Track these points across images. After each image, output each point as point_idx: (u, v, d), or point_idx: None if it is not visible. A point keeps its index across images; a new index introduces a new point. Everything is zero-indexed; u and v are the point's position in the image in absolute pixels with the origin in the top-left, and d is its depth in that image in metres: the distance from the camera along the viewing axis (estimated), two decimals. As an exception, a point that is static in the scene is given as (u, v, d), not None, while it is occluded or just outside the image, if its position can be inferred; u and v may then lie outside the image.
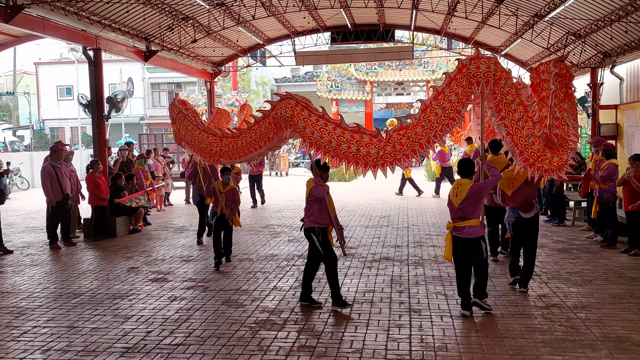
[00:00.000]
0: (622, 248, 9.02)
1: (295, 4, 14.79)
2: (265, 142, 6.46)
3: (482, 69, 5.79)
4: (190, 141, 7.17)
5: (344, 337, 5.49)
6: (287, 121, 6.21)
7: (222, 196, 8.64)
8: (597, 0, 11.46)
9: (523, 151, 5.76)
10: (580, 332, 5.50)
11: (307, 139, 6.19)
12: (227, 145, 6.71)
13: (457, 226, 6.09)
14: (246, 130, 6.64)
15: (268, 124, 6.37)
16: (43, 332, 5.76)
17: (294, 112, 6.17)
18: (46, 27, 10.76)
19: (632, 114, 13.29)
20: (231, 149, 6.69)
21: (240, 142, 6.65)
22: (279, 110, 6.23)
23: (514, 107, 5.76)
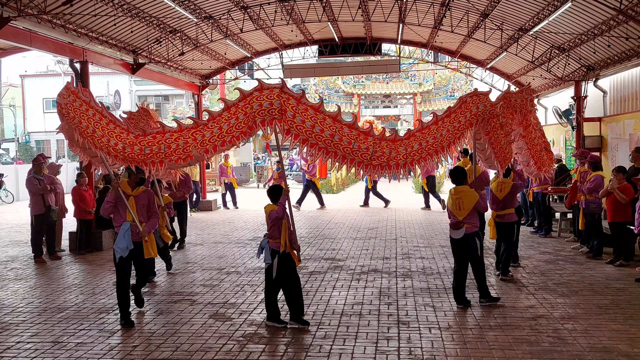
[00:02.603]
0: (607, 259, 9.10)
1: (283, 18, 14.89)
2: (236, 137, 5.94)
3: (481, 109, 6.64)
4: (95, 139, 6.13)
5: (332, 350, 5.47)
6: (273, 114, 5.83)
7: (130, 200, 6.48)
8: (581, 15, 11.67)
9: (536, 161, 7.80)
10: (567, 342, 5.52)
11: (302, 135, 5.88)
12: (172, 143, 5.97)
13: (500, 214, 8.02)
14: (208, 122, 6.01)
15: (245, 116, 5.88)
16: (27, 348, 5.67)
17: (285, 105, 5.82)
18: (33, 40, 10.71)
19: (615, 126, 13.49)
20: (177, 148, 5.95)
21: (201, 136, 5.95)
22: (260, 101, 5.83)
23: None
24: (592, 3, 10.56)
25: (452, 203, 6.79)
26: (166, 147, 5.98)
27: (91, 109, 6.18)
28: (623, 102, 13.61)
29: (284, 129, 5.98)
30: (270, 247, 6.12)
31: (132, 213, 6.30)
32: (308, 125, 5.92)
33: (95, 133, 6.07)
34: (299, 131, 5.94)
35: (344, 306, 6.89)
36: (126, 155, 6.04)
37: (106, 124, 6.11)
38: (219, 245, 11.34)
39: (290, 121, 5.92)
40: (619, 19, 10.84)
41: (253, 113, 5.91)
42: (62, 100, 6.16)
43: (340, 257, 9.84)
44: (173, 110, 32.16)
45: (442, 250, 10.25)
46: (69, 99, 6.17)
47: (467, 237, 6.71)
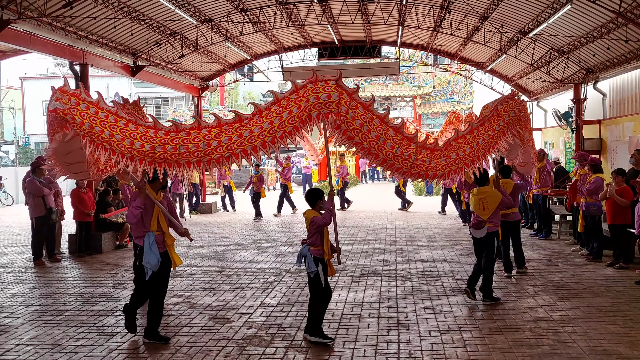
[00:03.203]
0: (607, 261, 9.10)
1: (283, 20, 14.91)
2: (288, 132, 5.40)
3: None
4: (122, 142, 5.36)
5: (331, 352, 5.46)
6: (330, 107, 5.40)
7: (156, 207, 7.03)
8: (580, 18, 11.69)
9: None
10: (567, 345, 5.52)
11: (350, 132, 5.52)
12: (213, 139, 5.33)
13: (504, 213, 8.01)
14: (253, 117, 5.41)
15: (299, 109, 5.39)
16: (26, 351, 5.66)
17: (341, 98, 5.42)
18: (33, 42, 10.73)
19: (615, 129, 13.50)
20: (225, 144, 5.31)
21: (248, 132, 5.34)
22: (317, 93, 5.40)
23: None
24: (591, 6, 10.58)
25: (476, 203, 7.00)
26: (205, 144, 5.27)
27: (102, 111, 5.39)
28: (622, 105, 13.62)
29: (336, 124, 5.55)
30: (313, 255, 5.73)
31: (160, 221, 5.78)
32: (357, 124, 5.55)
33: (113, 137, 5.27)
34: (348, 128, 5.55)
35: (343, 309, 6.88)
36: (157, 157, 5.27)
37: (124, 125, 5.32)
38: (218, 247, 11.34)
39: (343, 116, 5.51)
40: (618, 21, 10.86)
41: (309, 106, 5.42)
42: (63, 105, 5.38)
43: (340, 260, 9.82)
44: (173, 113, 32.14)
45: (441, 253, 10.25)
46: (70, 102, 5.41)
47: (489, 236, 7.00)
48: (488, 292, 7.00)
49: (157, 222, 5.75)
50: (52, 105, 5.46)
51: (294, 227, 14.02)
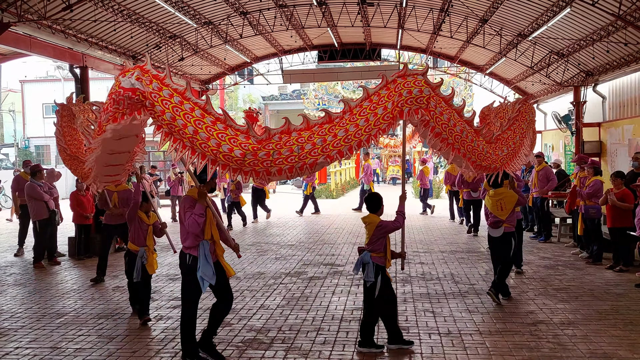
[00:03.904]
0: (607, 264, 9.09)
1: (283, 23, 14.93)
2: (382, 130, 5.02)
3: None
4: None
5: (332, 355, 5.45)
6: (421, 103, 5.07)
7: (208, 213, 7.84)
8: (579, 21, 11.71)
9: None
10: (567, 348, 5.51)
11: (438, 127, 5.22)
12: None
13: None
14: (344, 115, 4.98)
15: (393, 105, 5.03)
16: (26, 354, 5.65)
17: (430, 93, 5.11)
18: (33, 45, 10.74)
19: (615, 131, 13.51)
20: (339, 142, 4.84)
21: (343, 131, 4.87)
22: (409, 87, 5.06)
23: None
24: (590, 9, 10.60)
25: (493, 204, 7.18)
26: (299, 148, 4.78)
27: (187, 102, 4.71)
28: (622, 108, 13.63)
29: (425, 120, 5.20)
30: (375, 263, 5.51)
31: (213, 229, 5.34)
32: (445, 119, 5.26)
33: (197, 135, 4.63)
34: (436, 123, 5.23)
35: (343, 311, 6.87)
36: (247, 164, 4.70)
37: (212, 123, 4.69)
38: (218, 250, 11.32)
39: (432, 112, 5.18)
40: (618, 24, 10.87)
41: (401, 101, 5.04)
42: (144, 87, 4.65)
43: (339, 263, 9.82)
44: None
45: (441, 256, 10.24)
46: (152, 86, 4.67)
47: (505, 235, 7.17)
48: (505, 291, 7.25)
49: (210, 230, 5.30)
50: (128, 84, 4.67)
51: (294, 230, 14.01)
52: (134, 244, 6.58)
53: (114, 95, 4.73)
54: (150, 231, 6.62)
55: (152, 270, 6.61)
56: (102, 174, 5.69)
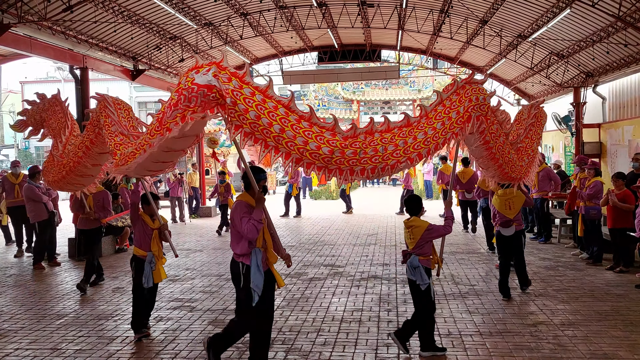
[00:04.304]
0: (607, 265, 9.09)
1: (283, 24, 14.94)
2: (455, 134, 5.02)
3: None
4: None
5: (332, 356, 5.45)
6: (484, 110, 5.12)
7: None
8: (579, 22, 11.71)
9: None
10: (567, 349, 5.51)
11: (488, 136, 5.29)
12: None
13: None
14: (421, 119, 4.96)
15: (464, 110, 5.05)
16: (26, 355, 5.64)
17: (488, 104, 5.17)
18: (33, 46, 10.75)
19: (615, 132, 13.51)
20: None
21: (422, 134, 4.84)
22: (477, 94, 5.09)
23: None
24: (590, 10, 10.60)
25: (501, 204, 7.41)
26: (383, 149, 4.72)
27: (270, 100, 4.60)
28: (622, 109, 13.64)
29: (482, 127, 5.21)
30: (424, 266, 5.48)
31: (266, 236, 5.10)
32: (494, 129, 5.37)
33: (284, 133, 4.51)
34: (489, 132, 5.31)
35: (343, 313, 6.87)
36: (333, 162, 4.63)
37: (296, 121, 4.60)
38: (218, 251, 11.33)
39: (489, 120, 5.27)
40: (618, 25, 10.88)
41: (471, 106, 5.07)
42: (220, 83, 4.46)
43: (339, 264, 9.82)
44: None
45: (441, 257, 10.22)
46: (231, 84, 4.52)
47: (517, 234, 7.50)
48: (525, 280, 7.72)
49: (262, 238, 5.06)
50: (204, 80, 4.45)
51: (294, 231, 14.01)
52: (141, 249, 6.15)
53: (185, 91, 4.47)
54: (155, 235, 6.17)
55: (159, 278, 6.18)
56: (145, 167, 5.27)
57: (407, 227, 5.57)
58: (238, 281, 4.94)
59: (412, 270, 5.48)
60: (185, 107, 4.44)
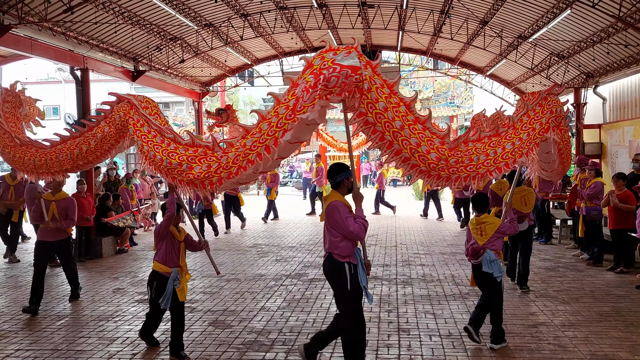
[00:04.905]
0: (608, 266, 9.09)
1: (283, 25, 14.94)
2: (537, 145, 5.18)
3: None
4: None
5: (332, 357, 5.45)
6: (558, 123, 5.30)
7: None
8: (580, 22, 11.71)
9: None
10: (568, 350, 5.50)
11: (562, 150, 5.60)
12: None
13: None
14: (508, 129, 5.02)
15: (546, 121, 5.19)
16: (26, 356, 5.65)
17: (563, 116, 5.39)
18: (33, 47, 10.75)
19: (615, 133, 13.50)
20: None
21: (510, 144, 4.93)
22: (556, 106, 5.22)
23: None
24: (591, 10, 10.60)
25: (516, 200, 7.45)
26: (477, 158, 4.80)
27: (394, 96, 4.66)
28: (622, 109, 13.64)
29: (557, 140, 5.43)
30: (497, 259, 5.67)
31: None
32: (567, 136, 5.74)
33: (403, 130, 4.58)
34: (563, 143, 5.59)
35: (344, 313, 6.86)
36: (438, 168, 4.67)
37: (413, 122, 4.66)
38: (218, 252, 11.32)
39: (562, 130, 5.47)
40: (618, 26, 10.88)
41: (551, 118, 5.23)
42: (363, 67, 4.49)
43: (340, 264, 9.81)
44: (174, 117, 32.20)
45: (442, 258, 10.24)
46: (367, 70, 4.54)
47: (530, 228, 7.92)
48: (525, 279, 7.89)
49: None
50: (349, 61, 4.42)
51: (294, 232, 14.01)
52: (165, 265, 5.50)
53: (325, 71, 4.38)
54: (182, 249, 5.62)
55: (184, 296, 5.58)
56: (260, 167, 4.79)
57: (478, 224, 5.76)
58: (344, 282, 4.80)
59: (489, 264, 5.64)
60: (324, 87, 4.37)
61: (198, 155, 4.86)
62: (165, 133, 5.13)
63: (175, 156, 4.92)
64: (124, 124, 5.44)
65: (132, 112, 5.38)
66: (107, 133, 5.58)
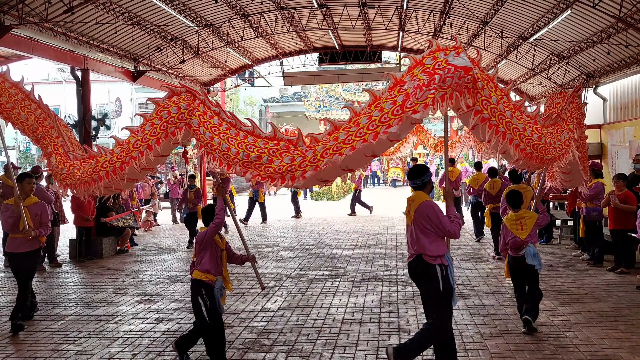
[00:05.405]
0: (608, 266, 9.08)
1: (284, 26, 14.94)
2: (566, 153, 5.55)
3: None
4: None
5: (332, 358, 5.45)
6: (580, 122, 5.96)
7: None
8: (580, 23, 11.71)
9: None
10: (568, 350, 5.50)
11: None
12: None
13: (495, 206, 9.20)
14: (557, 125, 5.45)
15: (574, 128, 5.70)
16: (27, 356, 5.65)
17: None
18: (34, 48, 10.76)
19: (616, 133, 13.49)
20: None
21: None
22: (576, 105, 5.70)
23: None
24: (591, 11, 10.60)
25: None
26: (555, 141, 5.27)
27: (505, 95, 4.95)
28: (623, 110, 13.63)
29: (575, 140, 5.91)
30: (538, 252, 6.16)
31: None
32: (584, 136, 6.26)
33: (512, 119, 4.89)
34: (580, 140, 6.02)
35: (344, 314, 6.87)
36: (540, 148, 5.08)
37: (516, 108, 4.99)
38: (219, 252, 11.31)
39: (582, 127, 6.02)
40: (618, 26, 10.88)
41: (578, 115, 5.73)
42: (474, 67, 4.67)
43: (340, 265, 9.82)
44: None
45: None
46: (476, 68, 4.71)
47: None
48: None
49: None
50: (461, 62, 4.52)
51: (295, 232, 14.01)
52: (210, 273, 5.20)
53: (440, 71, 4.41)
54: (224, 257, 5.36)
55: (221, 305, 5.35)
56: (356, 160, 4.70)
57: (517, 219, 6.06)
58: (436, 284, 4.76)
59: (533, 256, 6.02)
60: (439, 87, 4.40)
61: (280, 148, 4.73)
62: (243, 125, 4.95)
63: (254, 149, 4.76)
64: (180, 118, 5.06)
65: (196, 103, 5.06)
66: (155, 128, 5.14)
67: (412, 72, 4.52)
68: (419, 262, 4.82)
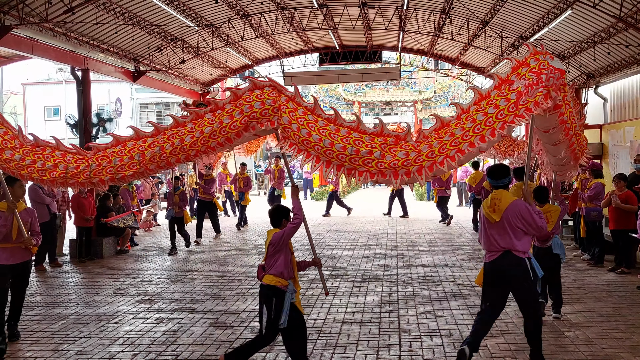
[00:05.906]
0: (609, 266, 9.08)
1: (284, 26, 14.95)
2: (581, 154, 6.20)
3: None
4: None
5: (333, 358, 5.44)
6: None
7: None
8: (581, 23, 11.71)
9: None
10: (569, 350, 5.50)
11: None
12: None
13: None
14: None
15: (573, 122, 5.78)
16: (27, 356, 5.65)
17: None
18: (34, 48, 10.76)
19: (616, 133, 13.48)
20: None
21: None
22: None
23: None
24: (591, 11, 10.60)
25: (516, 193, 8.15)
26: None
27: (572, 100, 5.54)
28: (623, 110, 13.63)
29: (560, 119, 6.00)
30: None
31: None
32: None
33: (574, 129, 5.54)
34: None
35: (344, 314, 6.87)
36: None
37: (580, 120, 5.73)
38: (219, 252, 11.33)
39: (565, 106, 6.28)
40: (619, 26, 10.87)
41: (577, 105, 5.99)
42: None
43: (341, 265, 9.82)
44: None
45: (442, 258, 10.23)
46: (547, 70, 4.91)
47: None
48: None
49: None
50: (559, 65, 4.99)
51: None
52: (283, 277, 4.82)
53: (546, 70, 4.81)
54: (294, 260, 4.99)
55: (301, 307, 4.96)
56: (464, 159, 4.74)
57: (544, 213, 6.03)
58: (527, 275, 5.01)
59: (559, 246, 6.48)
60: (544, 87, 4.76)
61: (389, 144, 4.71)
62: (344, 122, 4.88)
63: (362, 144, 4.70)
64: (263, 114, 4.91)
65: (282, 100, 4.92)
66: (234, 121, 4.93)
67: (518, 72, 4.83)
68: (506, 257, 5.00)
